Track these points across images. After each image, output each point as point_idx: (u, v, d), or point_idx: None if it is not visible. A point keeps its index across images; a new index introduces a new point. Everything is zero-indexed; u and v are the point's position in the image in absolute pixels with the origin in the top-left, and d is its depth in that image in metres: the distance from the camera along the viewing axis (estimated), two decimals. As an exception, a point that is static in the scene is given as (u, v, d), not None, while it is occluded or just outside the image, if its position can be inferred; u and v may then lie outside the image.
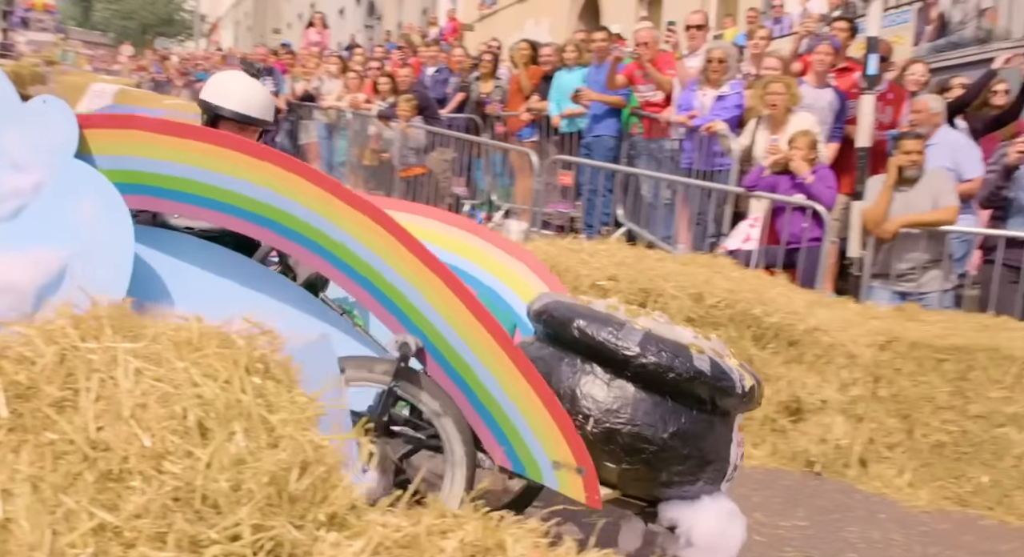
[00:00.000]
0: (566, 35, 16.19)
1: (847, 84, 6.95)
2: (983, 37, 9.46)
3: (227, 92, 3.45)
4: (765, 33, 8.77)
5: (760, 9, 13.01)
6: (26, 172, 2.50)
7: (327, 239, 2.63)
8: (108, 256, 2.45)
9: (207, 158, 2.59)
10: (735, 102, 7.07)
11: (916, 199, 5.74)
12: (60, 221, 2.47)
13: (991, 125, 6.86)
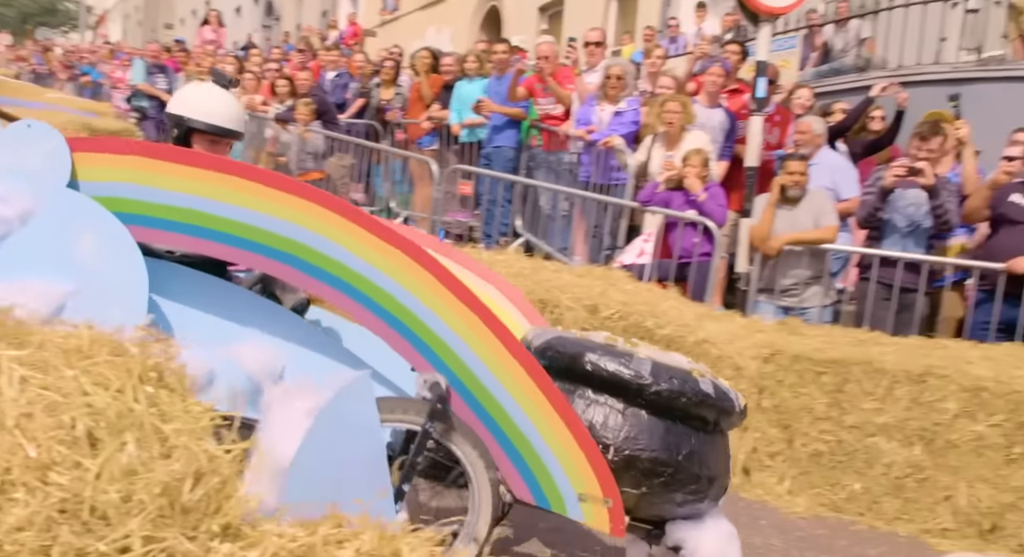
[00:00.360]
0: (468, 44, 16.30)
1: (737, 105, 7.23)
2: (862, 65, 9.98)
3: (199, 104, 3.33)
4: (661, 52, 9.04)
5: (657, 28, 13.37)
6: (9, 200, 2.31)
7: (347, 270, 2.50)
8: (120, 293, 2.30)
9: (218, 188, 2.44)
10: (632, 118, 7.26)
11: (799, 218, 6.01)
12: (55, 254, 2.31)
13: (869, 149, 7.26)
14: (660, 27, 13.52)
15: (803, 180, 6.01)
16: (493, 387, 2.61)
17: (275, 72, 10.40)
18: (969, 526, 4.35)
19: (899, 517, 4.46)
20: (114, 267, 2.32)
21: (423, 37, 18.07)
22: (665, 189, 6.48)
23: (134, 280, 2.33)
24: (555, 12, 17.29)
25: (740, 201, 6.55)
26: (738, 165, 6.86)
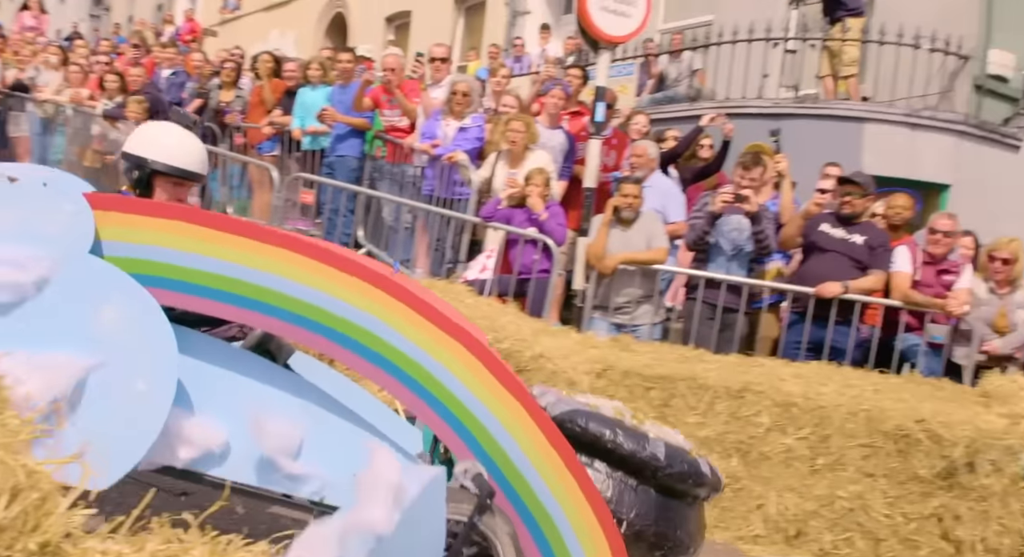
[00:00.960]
0: (312, 50, 16.05)
1: (577, 127, 7.48)
2: (694, 95, 10.54)
3: (161, 145, 3.16)
4: (506, 71, 9.21)
5: (502, 46, 13.63)
6: (27, 266, 2.11)
7: (392, 350, 2.44)
8: (147, 369, 2.15)
9: (256, 256, 2.33)
10: (476, 134, 7.37)
11: (633, 239, 6.28)
12: (76, 325, 2.13)
13: (698, 175, 7.67)
14: (505, 46, 13.78)
15: (637, 203, 6.29)
16: (525, 469, 2.62)
17: (104, 66, 9.87)
18: (777, 533, 4.67)
19: (716, 525, 4.71)
20: (140, 339, 2.19)
21: (266, 39, 17.64)
22: (507, 206, 6.61)
23: (162, 353, 2.19)
24: (402, 24, 17.29)
25: (578, 220, 6.76)
26: (576, 185, 7.09)
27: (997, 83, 9.48)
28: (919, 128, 9.13)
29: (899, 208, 6.57)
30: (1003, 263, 6.03)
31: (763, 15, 9.60)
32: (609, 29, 6.29)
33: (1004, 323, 6.03)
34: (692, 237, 6.23)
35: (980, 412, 4.95)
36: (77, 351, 2.09)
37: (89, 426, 2.08)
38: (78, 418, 2.03)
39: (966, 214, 7.74)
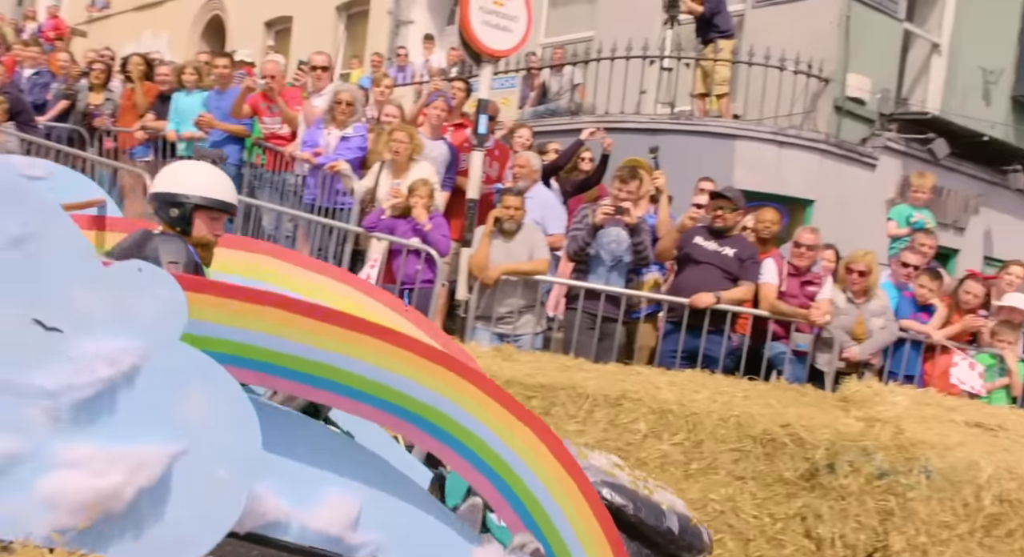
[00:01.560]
0: (187, 52, 15.57)
1: (459, 139, 7.53)
2: (575, 109, 10.78)
3: (196, 181, 3.25)
4: (389, 81, 9.20)
5: (385, 55, 13.57)
6: (118, 360, 2.05)
7: (468, 434, 2.58)
8: (229, 457, 2.11)
9: (337, 341, 2.38)
10: (359, 144, 7.32)
11: (515, 250, 6.37)
12: (160, 413, 2.10)
13: (578, 188, 7.84)
14: (389, 55, 13.73)
15: (519, 214, 6.38)
16: (574, 548, 2.82)
17: (-40, 63, 9.30)
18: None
19: (596, 531, 4.81)
20: (224, 426, 2.16)
21: (138, 40, 17.03)
22: (390, 216, 6.60)
23: (245, 440, 2.17)
24: (283, 29, 16.98)
25: (460, 231, 6.81)
26: (459, 196, 7.14)
27: (855, 105, 10.06)
28: (785, 146, 9.60)
29: (767, 222, 6.89)
30: (860, 275, 6.41)
31: (640, 33, 9.91)
32: (491, 43, 6.38)
33: (861, 330, 6.41)
34: (573, 248, 6.36)
35: (840, 416, 5.25)
36: (163, 439, 2.08)
37: (169, 514, 2.09)
38: (158, 507, 2.04)
39: (828, 228, 8.21)
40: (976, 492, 4.77)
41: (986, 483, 4.78)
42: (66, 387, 1.99)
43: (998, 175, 11.02)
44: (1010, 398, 6.57)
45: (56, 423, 1.99)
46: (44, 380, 1.97)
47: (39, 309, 1.97)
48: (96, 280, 2.07)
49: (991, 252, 11.20)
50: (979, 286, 6.83)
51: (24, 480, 1.95)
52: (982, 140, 10.61)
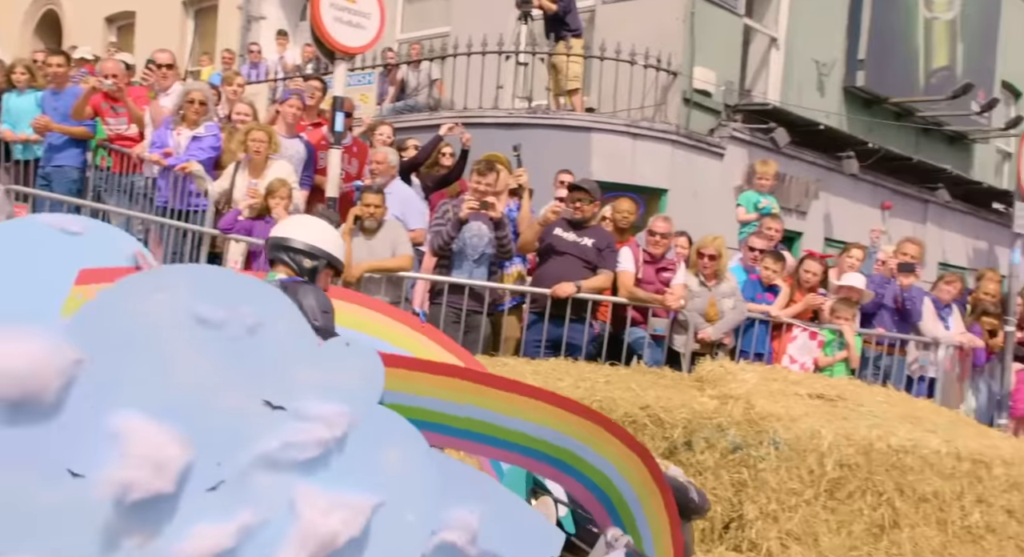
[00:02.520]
0: (19, 49, 14.69)
1: (317, 137, 7.44)
2: (433, 105, 10.80)
3: (333, 242, 3.59)
4: (241, 79, 8.96)
5: (236, 51, 13.20)
6: (334, 423, 2.27)
7: (598, 474, 3.08)
8: (415, 503, 2.40)
9: (510, 405, 2.82)
10: (211, 143, 7.12)
11: (377, 247, 6.36)
12: (364, 469, 2.34)
13: (439, 183, 7.89)
14: (241, 51, 13.37)
15: (379, 212, 6.37)
16: (641, 524, 3.25)
17: None
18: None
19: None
20: (414, 479, 2.44)
21: (-36, 37, 15.92)
22: (248, 217, 6.46)
23: (430, 488, 2.44)
24: (125, 24, 16.24)
25: (322, 230, 6.72)
26: (318, 194, 7.06)
27: (702, 97, 10.50)
28: (639, 137, 9.92)
29: (624, 212, 7.14)
30: (710, 259, 6.73)
31: (496, 28, 10.02)
32: (344, 40, 6.32)
33: (714, 312, 6.74)
34: (438, 243, 6.40)
35: (695, 395, 5.52)
36: (368, 491, 2.34)
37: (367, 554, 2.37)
38: (361, 551, 2.29)
39: (681, 216, 8.56)
40: (819, 459, 5.12)
41: (827, 450, 5.13)
42: (290, 446, 2.23)
43: (834, 161, 11.74)
44: (849, 370, 7.05)
45: (285, 480, 2.25)
46: (271, 445, 2.20)
47: (268, 390, 2.21)
48: (314, 357, 2.32)
49: (831, 234, 11.94)
50: (817, 265, 7.30)
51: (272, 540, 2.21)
52: (818, 129, 11.28)
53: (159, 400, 2.03)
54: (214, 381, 2.12)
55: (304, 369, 2.26)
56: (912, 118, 13.37)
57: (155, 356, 2.04)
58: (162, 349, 2.04)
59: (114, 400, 1.96)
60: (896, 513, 5.32)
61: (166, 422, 2.01)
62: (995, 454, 5.62)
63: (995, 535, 5.57)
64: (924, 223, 13.73)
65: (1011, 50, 15.61)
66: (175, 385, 2.07)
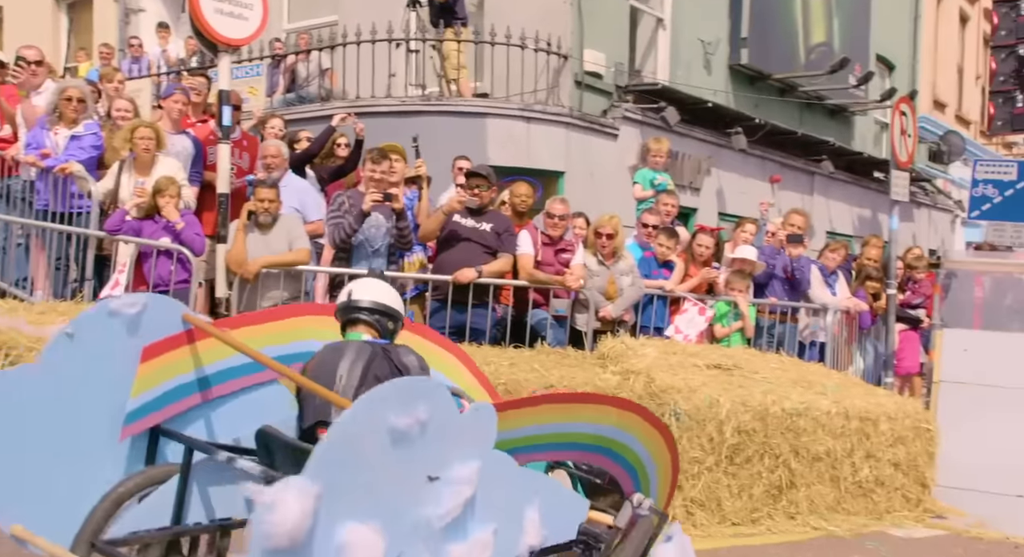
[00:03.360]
0: None
1: (204, 132, 7.25)
2: (325, 95, 10.63)
3: (400, 303, 3.82)
4: (121, 76, 8.64)
5: (115, 46, 12.71)
6: (471, 481, 2.80)
7: (631, 453, 3.77)
8: (513, 518, 3.06)
9: (587, 414, 3.60)
10: (92, 142, 6.85)
11: (273, 242, 6.25)
12: (484, 506, 2.87)
13: (335, 174, 7.78)
14: (120, 46, 12.88)
15: (274, 206, 6.26)
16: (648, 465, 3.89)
17: None
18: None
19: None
20: (515, 500, 3.08)
21: None
22: (136, 217, 6.26)
23: (520, 504, 3.13)
24: (-7, 19, 15.47)
25: (214, 226, 6.58)
26: (208, 190, 6.89)
27: (593, 79, 10.65)
28: (533, 121, 10.00)
29: (523, 196, 7.20)
30: (608, 238, 6.86)
31: (384, 16, 9.92)
32: (226, 31, 6.15)
33: (613, 290, 6.87)
34: (340, 236, 6.30)
35: (599, 372, 5.63)
36: (489, 523, 2.90)
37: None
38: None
39: (578, 197, 8.69)
40: (719, 427, 5.31)
41: (726, 418, 5.33)
42: (448, 512, 2.74)
43: (723, 137, 12.08)
44: (745, 339, 7.31)
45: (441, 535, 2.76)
46: (435, 511, 2.70)
47: (430, 467, 2.69)
48: (459, 428, 2.81)
49: (724, 208, 12.30)
50: (709, 238, 7.52)
51: None
52: (706, 106, 11.58)
53: (367, 506, 2.49)
54: (399, 473, 2.60)
55: (452, 441, 2.76)
56: (795, 93, 13.85)
57: (365, 471, 2.49)
58: (370, 463, 2.50)
59: (339, 515, 2.40)
60: (792, 474, 5.56)
61: (371, 522, 2.48)
62: (880, 411, 5.93)
63: (884, 488, 5.89)
64: (811, 194, 14.27)
65: (883, 25, 16.33)
66: (378, 490, 2.54)
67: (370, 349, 3.47)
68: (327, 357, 3.45)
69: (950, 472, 6.10)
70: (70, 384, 3.15)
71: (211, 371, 3.47)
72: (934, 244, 17.19)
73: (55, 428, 3.15)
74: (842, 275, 8.33)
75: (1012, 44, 13.89)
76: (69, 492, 3.15)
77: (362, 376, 3.39)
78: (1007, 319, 7.65)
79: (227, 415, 3.54)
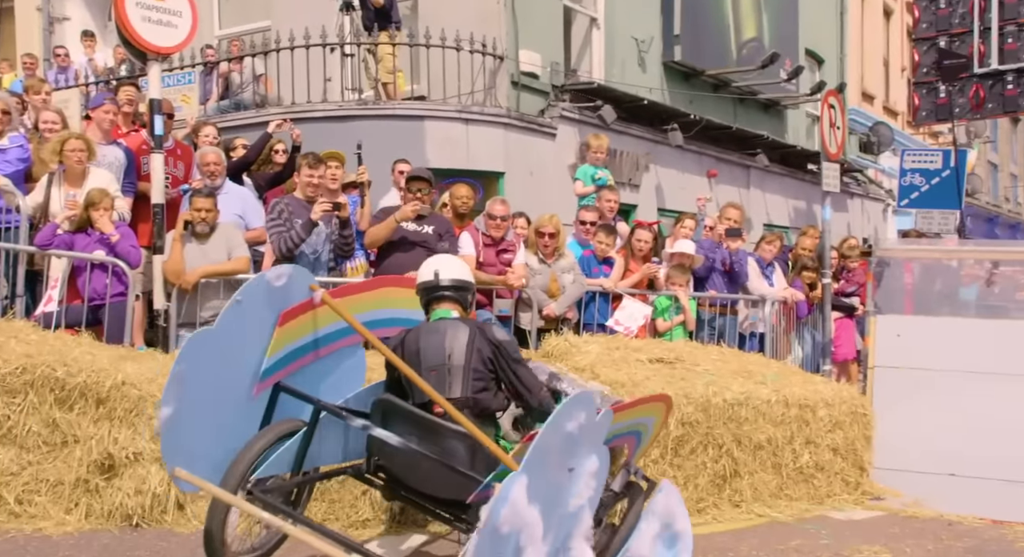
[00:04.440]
0: None
1: (137, 142, 7.12)
2: (260, 102, 10.51)
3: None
4: (48, 86, 8.44)
5: (40, 55, 12.40)
6: (596, 474, 3.33)
7: (646, 428, 4.20)
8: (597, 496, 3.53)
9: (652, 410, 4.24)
10: (18, 155, 6.68)
11: (211, 251, 6.18)
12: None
13: (273, 181, 7.71)
14: (46, 55, 12.56)
15: (210, 216, 6.19)
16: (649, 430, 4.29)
17: None
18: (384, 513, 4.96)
19: (326, 519, 4.84)
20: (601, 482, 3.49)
21: None
22: (68, 231, 6.13)
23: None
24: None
25: (149, 237, 6.48)
26: (142, 201, 6.77)
27: (530, 79, 10.71)
28: (471, 122, 10.02)
29: (463, 197, 7.22)
30: (549, 237, 6.92)
31: (318, 20, 9.86)
32: (155, 40, 6.05)
33: (556, 287, 6.93)
34: (288, 246, 6.20)
35: (543, 370, 5.65)
36: (591, 511, 3.37)
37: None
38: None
39: (518, 197, 8.74)
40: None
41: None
42: (579, 498, 3.21)
43: (660, 134, 12.25)
44: (687, 333, 7.43)
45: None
46: (570, 498, 3.19)
47: (571, 460, 3.16)
48: (594, 429, 3.25)
49: (663, 204, 12.47)
50: (647, 233, 7.63)
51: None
52: (642, 103, 11.73)
53: (540, 494, 2.91)
54: (559, 466, 3.09)
55: (588, 439, 3.20)
56: (728, 89, 14.10)
57: (548, 466, 3.00)
58: (550, 460, 3.01)
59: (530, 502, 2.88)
60: (736, 463, 5.67)
61: (537, 507, 2.91)
62: (818, 398, 6.08)
63: (824, 472, 6.04)
64: (748, 187, 14.55)
65: (811, 20, 16.71)
66: (548, 481, 3.02)
67: (467, 328, 3.93)
68: (431, 338, 3.92)
69: (886, 454, 6.27)
70: (232, 345, 3.65)
71: (321, 334, 4.05)
72: (867, 233, 17.64)
73: (218, 383, 3.62)
74: (779, 266, 8.51)
75: (933, 36, 14.29)
76: (221, 441, 3.64)
77: (467, 353, 3.86)
78: (937, 304, 7.87)
79: (322, 373, 4.13)
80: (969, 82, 13.90)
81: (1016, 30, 13.62)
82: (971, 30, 13.82)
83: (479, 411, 3.86)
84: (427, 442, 3.67)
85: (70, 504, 4.47)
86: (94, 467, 4.53)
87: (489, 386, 3.91)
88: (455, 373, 3.84)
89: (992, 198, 28.68)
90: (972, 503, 5.92)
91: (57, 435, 4.60)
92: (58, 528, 4.41)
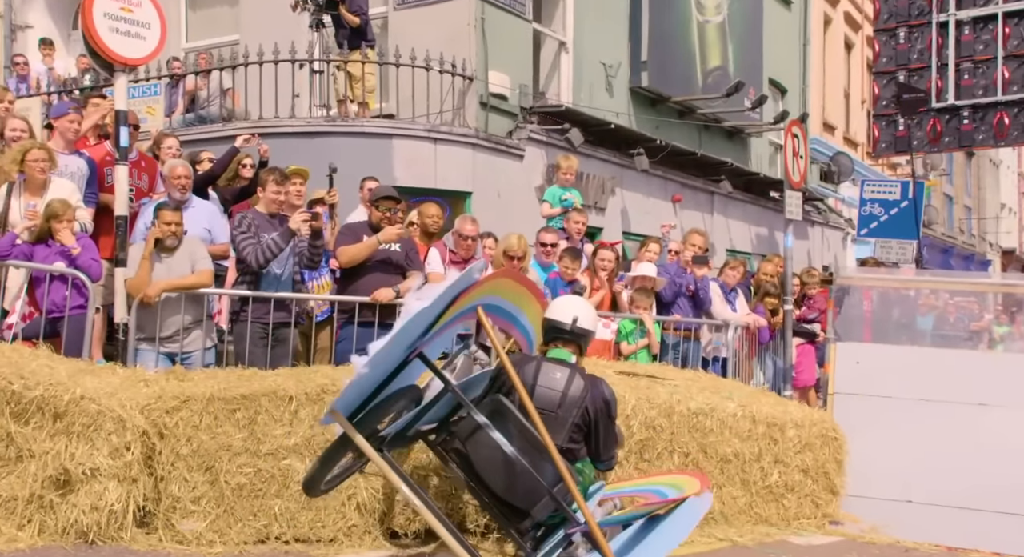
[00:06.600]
0: None
1: (100, 153, 7.02)
2: (226, 116, 10.44)
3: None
4: (12, 95, 8.30)
5: (0, 63, 12.23)
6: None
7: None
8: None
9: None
10: (-21, 164, 6.56)
11: (176, 265, 6.09)
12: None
13: (239, 196, 7.65)
14: (6, 63, 12.38)
15: (178, 230, 6.11)
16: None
17: None
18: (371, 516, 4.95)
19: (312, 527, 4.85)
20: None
21: None
22: (26, 241, 6.02)
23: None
24: None
25: (111, 249, 6.37)
26: (104, 212, 6.67)
27: (498, 100, 10.77)
28: (440, 142, 10.05)
29: (433, 217, 7.23)
30: (519, 260, 6.91)
31: (287, 36, 9.84)
32: (122, 51, 5.98)
33: (522, 309, 6.92)
34: (265, 257, 6.11)
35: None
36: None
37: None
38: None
39: (485, 217, 8.74)
40: (625, 421, 5.42)
41: (632, 412, 5.48)
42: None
43: (626, 158, 12.36)
44: (651, 356, 7.47)
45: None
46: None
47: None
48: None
49: (629, 228, 12.57)
50: (610, 252, 7.68)
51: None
52: (609, 128, 11.84)
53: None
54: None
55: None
56: (694, 115, 14.29)
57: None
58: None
59: None
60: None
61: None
62: (787, 418, 6.13)
63: (794, 494, 6.08)
64: (711, 213, 14.72)
65: (775, 51, 17.03)
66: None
67: (583, 384, 4.29)
68: (549, 380, 4.26)
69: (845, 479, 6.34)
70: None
71: (460, 311, 4.17)
72: (827, 261, 17.93)
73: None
74: (741, 292, 8.60)
75: (892, 70, 14.62)
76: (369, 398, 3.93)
77: (577, 409, 4.24)
78: (895, 332, 8.00)
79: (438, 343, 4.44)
80: (927, 116, 14.21)
81: (972, 67, 13.98)
82: (929, 65, 14.15)
83: (567, 459, 4.18)
84: (525, 454, 3.98)
85: (23, 520, 4.35)
86: (49, 482, 4.43)
87: (580, 441, 4.33)
88: (560, 422, 4.20)
89: (947, 229, 29.32)
90: (929, 530, 5.99)
91: (12, 449, 4.50)
92: (9, 544, 4.30)
